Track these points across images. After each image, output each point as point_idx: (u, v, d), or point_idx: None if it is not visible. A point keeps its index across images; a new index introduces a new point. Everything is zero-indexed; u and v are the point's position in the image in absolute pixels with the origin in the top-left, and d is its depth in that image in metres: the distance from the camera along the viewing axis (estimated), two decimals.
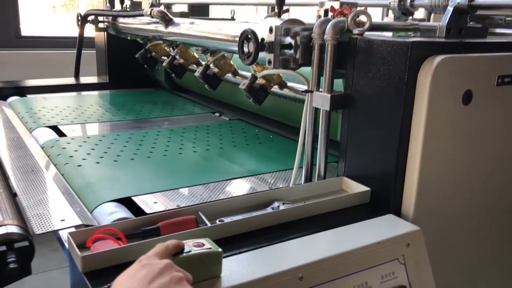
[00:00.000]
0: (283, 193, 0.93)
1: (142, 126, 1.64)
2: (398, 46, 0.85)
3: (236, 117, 1.78)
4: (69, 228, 0.86)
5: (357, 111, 0.96)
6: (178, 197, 1.04)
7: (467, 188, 0.98)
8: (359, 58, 0.93)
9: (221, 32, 1.33)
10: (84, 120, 1.69)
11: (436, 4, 1.06)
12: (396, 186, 0.90)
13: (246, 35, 1.05)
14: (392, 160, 0.88)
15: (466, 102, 0.89)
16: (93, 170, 1.18)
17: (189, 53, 1.72)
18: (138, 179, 1.14)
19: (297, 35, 1.01)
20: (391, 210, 0.90)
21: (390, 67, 0.86)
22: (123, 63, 2.25)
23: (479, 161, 0.98)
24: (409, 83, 0.84)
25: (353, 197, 0.93)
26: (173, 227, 0.77)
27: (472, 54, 0.91)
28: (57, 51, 3.04)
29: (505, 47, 1.01)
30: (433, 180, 0.90)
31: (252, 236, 0.80)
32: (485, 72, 0.92)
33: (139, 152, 1.34)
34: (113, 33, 2.14)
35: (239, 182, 1.16)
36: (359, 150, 0.97)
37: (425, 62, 0.84)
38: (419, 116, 0.85)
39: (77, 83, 2.32)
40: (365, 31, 0.93)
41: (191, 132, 1.58)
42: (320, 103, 0.98)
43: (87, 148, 1.35)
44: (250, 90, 1.32)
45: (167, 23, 1.59)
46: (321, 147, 1.01)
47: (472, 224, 1.02)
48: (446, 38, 0.99)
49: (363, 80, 0.93)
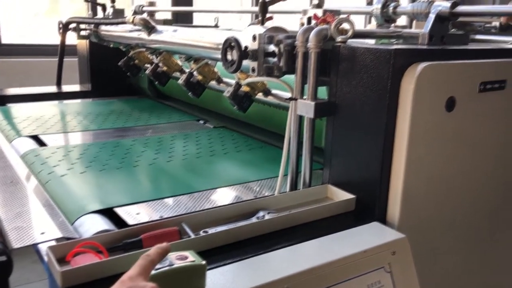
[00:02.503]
0: (268, 202, 0.92)
1: (125, 135, 1.61)
2: (381, 53, 0.85)
3: (220, 125, 1.77)
4: (49, 241, 0.84)
5: (341, 119, 0.96)
6: (162, 207, 1.02)
7: (452, 194, 0.98)
8: (343, 65, 0.93)
9: (204, 39, 1.32)
10: (66, 129, 1.67)
11: (418, 11, 1.07)
12: (381, 193, 0.89)
13: (230, 43, 1.04)
14: (377, 167, 0.88)
15: (449, 109, 0.89)
16: (75, 181, 1.16)
17: (172, 61, 1.71)
18: (121, 189, 1.12)
19: (281, 43, 1.01)
20: (377, 218, 0.90)
21: (373, 75, 0.86)
22: (106, 71, 2.23)
23: (463, 167, 0.98)
24: (392, 91, 0.84)
25: (338, 205, 0.92)
26: (155, 239, 0.75)
27: (454, 61, 0.91)
28: (39, 59, 3.00)
29: (487, 54, 1.02)
30: (418, 187, 0.90)
31: (237, 247, 0.78)
32: (468, 79, 0.92)
33: (123, 161, 1.32)
34: (96, 40, 2.12)
35: (224, 191, 1.14)
36: (344, 157, 0.96)
37: (408, 69, 0.84)
38: (403, 123, 0.85)
39: (59, 91, 2.28)
40: (348, 38, 0.93)
41: (175, 140, 1.56)
42: (304, 110, 0.98)
43: (68, 158, 1.32)
44: (235, 97, 1.31)
45: (150, 31, 1.58)
46: (305, 155, 1.01)
47: (457, 230, 1.02)
48: (429, 45, 1.00)
49: (347, 88, 0.93)
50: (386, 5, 1.12)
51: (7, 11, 3.08)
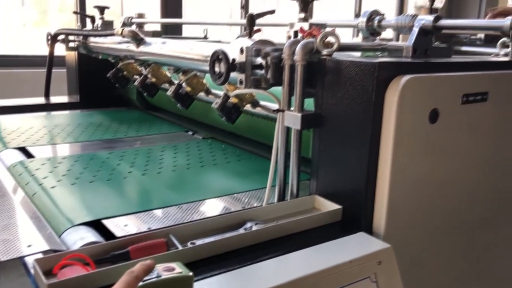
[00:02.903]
0: (256, 213, 0.93)
1: (113, 146, 1.61)
2: (365, 66, 0.87)
3: (209, 136, 1.78)
4: (36, 254, 0.84)
5: (328, 130, 0.97)
6: (150, 219, 1.02)
7: (437, 205, 0.99)
8: (328, 78, 0.94)
9: (192, 52, 1.33)
10: (53, 141, 1.66)
11: (402, 25, 1.09)
12: (367, 204, 0.91)
13: (217, 56, 1.06)
14: (362, 178, 0.89)
15: (433, 121, 0.91)
16: (62, 193, 1.15)
17: (161, 72, 1.72)
18: (109, 201, 1.12)
19: (268, 55, 1.02)
20: (363, 228, 0.91)
21: (358, 87, 0.88)
22: (94, 82, 2.23)
23: (448, 177, 1.00)
24: (376, 103, 0.86)
25: (325, 215, 0.93)
26: (143, 251, 0.75)
27: (437, 73, 0.93)
28: (26, 70, 2.99)
29: (470, 67, 1.04)
30: (403, 198, 0.92)
31: (225, 258, 0.79)
32: (451, 91, 0.94)
33: (111, 173, 1.32)
34: (84, 52, 2.12)
35: (213, 202, 1.15)
36: (330, 168, 0.97)
37: (392, 82, 0.86)
38: (387, 134, 0.86)
39: (47, 102, 2.27)
40: (333, 51, 0.95)
41: (163, 151, 1.56)
42: (291, 122, 0.99)
43: (56, 170, 1.32)
44: (223, 109, 1.32)
45: (139, 43, 1.59)
46: (293, 166, 1.02)
47: (443, 240, 1.04)
48: (413, 58, 1.02)
49: (333, 100, 0.94)
50: (371, 19, 1.14)
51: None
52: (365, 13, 1.13)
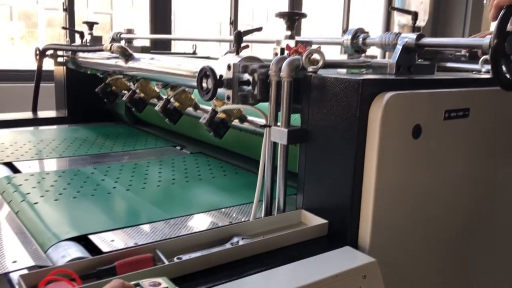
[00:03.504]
0: (243, 227, 0.94)
1: (101, 161, 1.61)
2: (349, 83, 0.88)
3: (197, 150, 1.78)
4: (21, 270, 0.83)
5: (314, 145, 0.98)
6: (138, 234, 1.02)
7: (421, 219, 1.01)
8: (314, 94, 0.96)
9: (181, 67, 1.35)
10: (40, 156, 1.65)
11: (386, 42, 1.12)
12: (352, 218, 0.92)
13: (205, 72, 1.07)
14: (347, 193, 0.91)
15: (416, 136, 0.93)
16: (49, 208, 1.15)
17: (150, 88, 1.73)
18: (95, 216, 1.11)
19: (255, 72, 1.04)
20: (348, 242, 0.91)
21: (343, 103, 0.90)
22: (83, 97, 2.23)
23: (431, 191, 1.01)
24: (361, 119, 0.88)
25: (311, 230, 0.94)
26: (129, 266, 0.75)
27: (420, 90, 0.96)
28: (14, 84, 2.98)
29: (452, 84, 1.06)
30: (388, 212, 0.93)
31: (211, 273, 0.79)
32: (433, 107, 0.97)
33: (98, 188, 1.32)
34: (73, 67, 2.12)
35: (200, 217, 1.15)
36: (316, 183, 0.99)
37: (375, 98, 0.88)
38: (372, 150, 0.88)
39: (34, 117, 2.27)
40: (319, 68, 0.97)
41: (151, 166, 1.57)
42: (278, 137, 1.00)
43: (42, 185, 1.31)
44: (211, 124, 1.33)
45: (127, 58, 1.60)
46: (280, 181, 1.03)
47: (427, 254, 1.05)
48: (396, 75, 1.04)
49: (318, 116, 0.96)
50: (356, 36, 1.16)
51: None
52: (350, 31, 1.16)
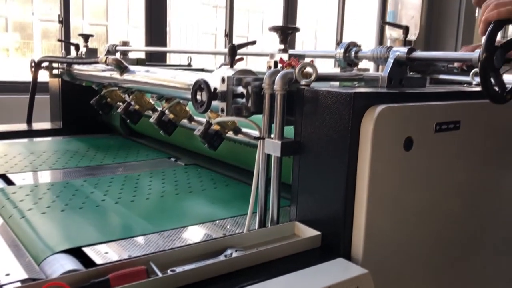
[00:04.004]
0: (236, 240, 0.94)
1: (95, 173, 1.61)
2: (341, 96, 0.90)
3: (191, 162, 1.79)
4: (14, 283, 0.83)
5: (307, 157, 0.99)
6: (132, 246, 1.02)
7: (413, 230, 1.02)
8: (307, 107, 0.97)
9: (175, 80, 1.36)
10: (35, 167, 1.65)
11: (378, 56, 1.14)
12: (345, 230, 0.92)
13: (199, 85, 1.08)
14: (340, 205, 0.92)
15: (408, 149, 0.94)
16: (42, 220, 1.15)
17: (145, 99, 1.74)
18: (90, 228, 1.11)
19: (249, 85, 1.05)
20: (342, 254, 0.92)
21: (335, 116, 0.91)
22: (78, 109, 2.23)
23: (423, 203, 1.02)
24: (353, 131, 0.89)
25: (304, 241, 0.95)
26: (123, 278, 0.75)
27: (411, 103, 0.97)
28: (9, 96, 2.98)
29: (442, 96, 1.08)
30: (380, 224, 0.94)
31: (205, 285, 0.79)
32: (424, 120, 0.98)
33: (92, 200, 1.32)
34: (68, 79, 2.13)
35: (194, 229, 1.15)
36: (310, 195, 0.99)
37: (367, 111, 0.89)
38: (364, 162, 0.89)
39: (29, 129, 2.26)
40: (311, 82, 0.98)
41: (146, 178, 1.57)
42: (271, 149, 1.01)
43: (36, 197, 1.31)
44: (205, 136, 1.34)
45: (122, 71, 1.61)
46: (273, 193, 1.03)
47: (420, 265, 1.06)
48: (388, 88, 1.06)
49: (311, 128, 0.97)
50: (348, 50, 1.18)
51: None
52: (343, 45, 1.18)
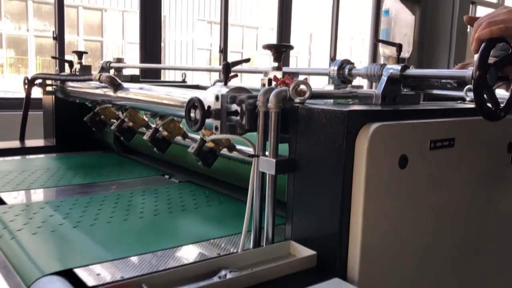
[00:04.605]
0: (230, 260, 0.93)
1: (88, 191, 1.59)
2: (335, 114, 0.89)
3: (185, 179, 1.77)
4: None
5: (302, 176, 0.99)
6: (124, 267, 1.00)
7: (410, 249, 1.01)
8: (301, 125, 0.97)
9: (169, 97, 1.36)
10: (26, 186, 1.63)
11: (372, 73, 1.14)
12: (341, 249, 0.91)
13: (193, 103, 1.08)
14: (336, 224, 0.91)
15: (402, 166, 0.94)
16: (32, 240, 1.13)
17: (138, 117, 1.73)
18: (81, 249, 1.09)
19: (243, 102, 1.04)
20: (337, 274, 0.91)
21: (330, 134, 0.91)
22: (71, 126, 2.22)
23: (419, 221, 1.01)
24: (347, 149, 0.88)
25: (300, 261, 0.93)
26: None
27: (406, 121, 0.97)
28: (2, 113, 2.96)
29: (436, 114, 1.08)
30: (376, 243, 0.93)
31: None
32: (419, 138, 0.98)
33: (84, 219, 1.30)
34: (62, 96, 2.12)
35: (189, 248, 1.14)
36: (305, 214, 0.98)
37: (361, 129, 0.89)
38: (359, 180, 0.89)
39: (22, 146, 2.25)
40: (305, 100, 0.98)
41: (139, 196, 1.55)
42: (266, 167, 1.01)
43: (27, 216, 1.29)
44: (199, 153, 1.33)
45: (116, 88, 1.61)
46: (268, 211, 1.02)
47: (417, 283, 1.04)
48: (382, 105, 1.06)
49: (306, 146, 0.96)
50: (342, 67, 1.18)
51: None
52: (336, 62, 1.18)
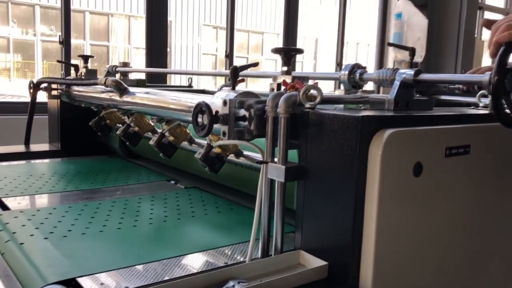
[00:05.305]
0: (238, 270, 0.90)
1: (93, 197, 1.57)
2: (348, 120, 0.87)
3: (192, 185, 1.75)
4: None
5: (312, 183, 0.96)
6: (130, 276, 0.98)
7: (424, 258, 0.97)
8: (312, 130, 0.94)
9: (176, 102, 1.33)
10: (31, 191, 1.61)
11: (384, 78, 1.11)
12: (353, 259, 0.88)
13: (200, 108, 1.05)
14: (348, 233, 0.87)
15: (417, 174, 0.91)
16: (36, 248, 1.10)
17: (144, 121, 1.71)
18: (86, 257, 1.07)
19: (251, 107, 1.02)
20: (350, 285, 0.88)
21: (342, 140, 0.88)
22: (76, 130, 2.20)
23: (434, 229, 0.98)
24: (360, 156, 0.85)
25: (310, 272, 0.90)
26: None
27: (420, 127, 0.94)
28: (8, 116, 2.95)
29: (451, 120, 1.05)
30: (390, 252, 0.89)
31: None
32: (434, 144, 0.95)
33: (89, 226, 1.27)
34: (67, 100, 2.10)
35: (195, 257, 1.11)
36: (315, 222, 0.95)
37: (375, 135, 0.86)
38: (372, 188, 0.85)
39: (27, 151, 2.23)
40: (316, 105, 0.95)
41: (145, 202, 1.53)
42: (275, 174, 0.98)
43: (30, 223, 1.27)
44: (206, 159, 1.31)
45: (122, 92, 1.58)
46: (277, 220, 0.99)
47: None
48: (395, 111, 1.03)
49: (316, 152, 0.93)
50: (353, 72, 1.15)
51: None
52: (347, 67, 1.15)
